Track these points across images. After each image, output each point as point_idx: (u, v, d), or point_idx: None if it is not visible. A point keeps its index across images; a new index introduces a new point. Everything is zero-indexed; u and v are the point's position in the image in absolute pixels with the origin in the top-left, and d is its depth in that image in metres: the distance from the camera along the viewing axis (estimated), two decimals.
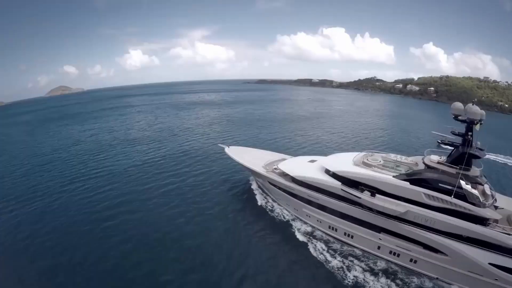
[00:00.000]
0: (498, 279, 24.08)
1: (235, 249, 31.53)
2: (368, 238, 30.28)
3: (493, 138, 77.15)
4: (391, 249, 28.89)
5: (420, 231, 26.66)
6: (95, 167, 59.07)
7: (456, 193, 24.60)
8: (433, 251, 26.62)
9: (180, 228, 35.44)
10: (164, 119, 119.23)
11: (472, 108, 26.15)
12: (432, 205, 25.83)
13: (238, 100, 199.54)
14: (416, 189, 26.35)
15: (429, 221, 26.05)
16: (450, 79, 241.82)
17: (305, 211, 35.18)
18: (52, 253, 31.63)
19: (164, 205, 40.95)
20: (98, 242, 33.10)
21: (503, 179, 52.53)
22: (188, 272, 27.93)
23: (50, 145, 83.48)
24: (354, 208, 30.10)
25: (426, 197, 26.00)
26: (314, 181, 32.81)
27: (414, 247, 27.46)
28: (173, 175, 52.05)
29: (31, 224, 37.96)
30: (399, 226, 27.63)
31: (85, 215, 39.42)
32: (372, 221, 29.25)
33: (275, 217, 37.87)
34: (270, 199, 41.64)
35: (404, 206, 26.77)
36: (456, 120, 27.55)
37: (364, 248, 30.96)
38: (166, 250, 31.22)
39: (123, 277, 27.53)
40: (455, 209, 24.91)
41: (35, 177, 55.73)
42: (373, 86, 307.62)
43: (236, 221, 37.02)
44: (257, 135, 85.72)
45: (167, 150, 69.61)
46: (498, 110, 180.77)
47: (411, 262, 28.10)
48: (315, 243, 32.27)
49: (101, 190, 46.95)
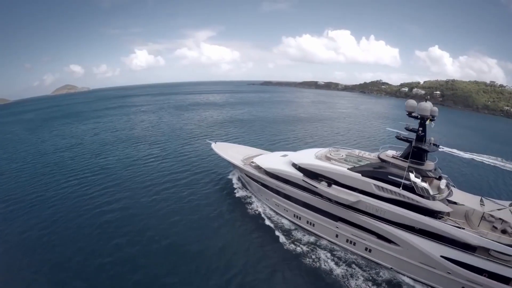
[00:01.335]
0: (450, 272, 24.78)
1: (212, 236, 34.11)
2: (327, 227, 32.46)
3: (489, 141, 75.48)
4: (348, 237, 30.85)
5: (373, 221, 28.29)
6: (95, 166, 58.98)
7: (404, 185, 26.03)
8: (386, 241, 28.00)
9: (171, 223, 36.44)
10: (167, 120, 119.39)
11: (423, 105, 27.47)
12: (382, 196, 27.46)
13: (243, 102, 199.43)
14: (367, 180, 28.12)
15: (379, 211, 27.73)
16: (456, 83, 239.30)
17: (274, 200, 37.99)
18: (49, 250, 32.09)
19: (161, 202, 42.15)
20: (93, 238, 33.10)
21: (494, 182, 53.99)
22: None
23: (52, 144, 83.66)
24: (314, 198, 32.46)
25: (376, 188, 27.71)
26: (282, 173, 35.47)
27: (368, 236, 29.14)
28: (171, 174, 52.63)
29: (29, 220, 38.31)
30: (353, 215, 29.48)
31: (81, 213, 39.53)
32: (330, 210, 31.35)
33: (248, 206, 40.95)
34: (247, 191, 44.98)
35: (356, 196, 28.74)
36: (410, 117, 28.85)
37: (324, 236, 33.15)
38: (161, 248, 30.91)
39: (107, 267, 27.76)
40: (404, 200, 26.29)
41: (36, 175, 55.68)
42: (378, 90, 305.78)
43: (214, 211, 39.67)
44: (257, 136, 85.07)
45: (167, 150, 69.56)
46: (504, 115, 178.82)
47: (366, 251, 29.82)
48: (281, 231, 34.74)
49: (100, 188, 47.21)
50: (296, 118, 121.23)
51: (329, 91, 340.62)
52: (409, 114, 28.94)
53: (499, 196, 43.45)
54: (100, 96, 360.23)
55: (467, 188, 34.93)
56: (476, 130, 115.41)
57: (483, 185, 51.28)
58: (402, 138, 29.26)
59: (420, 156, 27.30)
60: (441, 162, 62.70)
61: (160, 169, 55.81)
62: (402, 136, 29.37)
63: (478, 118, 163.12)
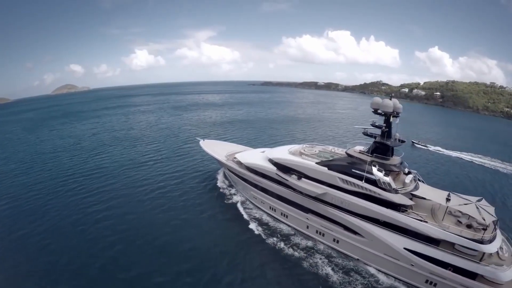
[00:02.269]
0: (414, 264, 25.49)
1: (194, 225, 36.66)
2: (298, 218, 34.22)
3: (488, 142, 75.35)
4: (317, 228, 32.49)
5: (340, 213, 29.65)
6: (91, 166, 58.98)
7: (367, 178, 27.15)
8: (353, 233, 29.27)
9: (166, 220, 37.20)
10: (165, 120, 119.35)
11: (386, 102, 28.46)
12: (347, 189, 28.78)
13: (242, 102, 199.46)
14: (332, 173, 29.55)
15: (344, 203, 29.12)
16: (456, 84, 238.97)
17: (253, 193, 39.81)
18: (43, 248, 32.35)
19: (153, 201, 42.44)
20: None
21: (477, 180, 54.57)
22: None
23: (50, 143, 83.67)
24: (287, 191, 34.11)
25: (341, 181, 29.08)
26: (259, 167, 37.17)
27: (336, 228, 30.58)
28: (165, 173, 52.89)
29: (24, 219, 38.63)
30: (322, 207, 31.01)
31: (75, 212, 39.70)
32: (301, 202, 32.98)
33: (229, 198, 43.62)
34: (231, 187, 46.93)
35: (322, 189, 30.24)
36: (375, 114, 29.74)
37: (296, 227, 35.00)
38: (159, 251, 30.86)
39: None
40: (366, 193, 27.40)
41: (33, 175, 55.69)
42: (378, 90, 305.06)
43: (198, 204, 42.04)
44: (255, 136, 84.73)
45: (164, 150, 69.55)
46: (504, 116, 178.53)
47: (334, 242, 31.36)
48: (257, 223, 36.81)
49: (95, 187, 47.36)
50: (294, 119, 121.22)
51: (329, 92, 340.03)
52: (374, 111, 29.70)
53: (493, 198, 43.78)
54: (100, 96, 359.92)
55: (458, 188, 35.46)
56: (474, 130, 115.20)
57: (477, 187, 51.31)
58: (368, 134, 30.18)
59: (384, 151, 28.27)
60: (433, 160, 62.06)
61: (155, 169, 55.90)
62: (368, 132, 30.22)
63: (478, 119, 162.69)
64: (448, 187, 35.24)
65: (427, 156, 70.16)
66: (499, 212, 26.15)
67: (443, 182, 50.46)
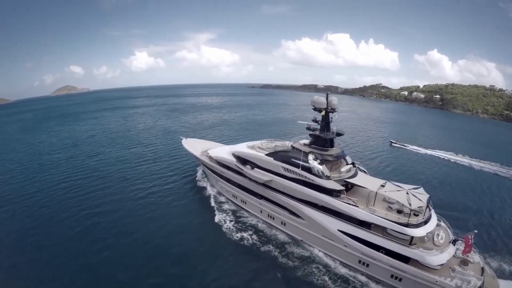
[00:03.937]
0: (346, 245, 28.10)
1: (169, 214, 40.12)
2: (253, 204, 38.06)
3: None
4: (269, 213, 36.14)
5: (284, 198, 33.13)
6: (87, 168, 58.75)
7: (303, 166, 30.45)
8: (296, 216, 32.56)
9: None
10: (163, 122, 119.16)
11: (321, 99, 31.96)
12: (288, 176, 32.30)
13: (241, 104, 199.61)
14: (277, 163, 33.18)
15: (286, 189, 32.69)
16: (456, 87, 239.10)
17: (220, 184, 44.07)
18: (37, 249, 32.42)
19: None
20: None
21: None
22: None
23: (48, 145, 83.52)
24: (244, 179, 37.86)
25: (283, 169, 32.64)
26: (224, 160, 41.07)
27: (282, 211, 34.07)
28: (158, 175, 52.91)
29: (19, 220, 38.95)
30: (271, 193, 34.62)
31: (69, 214, 39.78)
32: (255, 189, 36.74)
33: (203, 190, 47.79)
34: (203, 176, 51.95)
35: (269, 176, 34.01)
36: (314, 110, 32.84)
37: (252, 211, 38.99)
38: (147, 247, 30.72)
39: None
40: (302, 179, 30.72)
41: (30, 176, 55.71)
42: (378, 93, 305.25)
43: (179, 196, 45.66)
44: (253, 138, 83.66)
45: (159, 152, 69.63)
46: (504, 119, 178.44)
47: (282, 224, 34.87)
48: (221, 210, 40.80)
49: (90, 190, 47.61)
50: (292, 120, 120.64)
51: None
52: (314, 108, 32.78)
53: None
54: (100, 97, 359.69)
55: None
56: (461, 131, 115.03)
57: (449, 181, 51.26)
58: (310, 129, 33.29)
59: (322, 143, 31.47)
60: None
61: (150, 171, 56.06)
62: (311, 127, 33.40)
63: (475, 122, 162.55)
64: (417, 182, 40.48)
65: (405, 155, 73.93)
66: (484, 208, 27.39)
67: (413, 177, 54.06)
